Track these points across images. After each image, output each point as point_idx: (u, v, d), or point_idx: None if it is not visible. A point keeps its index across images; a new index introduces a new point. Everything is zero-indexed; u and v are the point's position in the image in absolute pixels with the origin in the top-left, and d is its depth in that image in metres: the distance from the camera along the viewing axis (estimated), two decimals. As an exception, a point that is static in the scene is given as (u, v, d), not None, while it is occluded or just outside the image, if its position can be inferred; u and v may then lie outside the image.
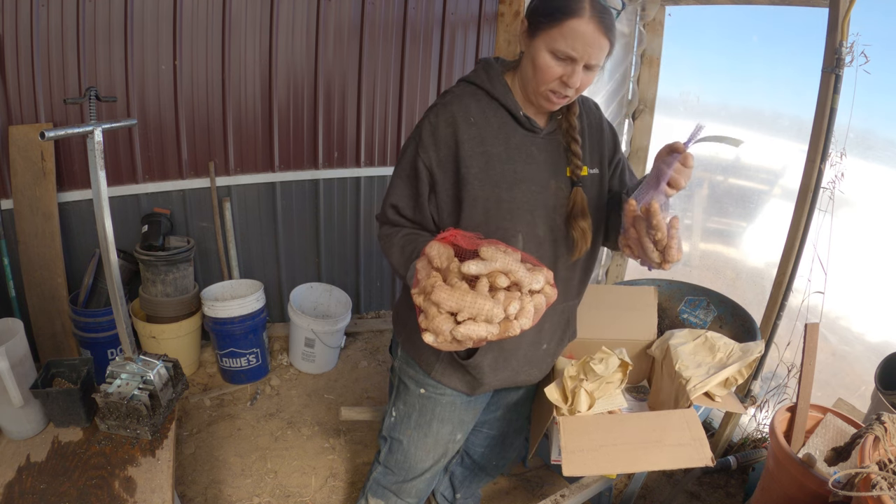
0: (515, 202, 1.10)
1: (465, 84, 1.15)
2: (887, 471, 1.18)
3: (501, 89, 1.11)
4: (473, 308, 0.83)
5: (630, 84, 2.75)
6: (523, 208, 1.11)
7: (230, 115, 2.57)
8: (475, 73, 1.15)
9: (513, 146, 1.11)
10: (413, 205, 1.15)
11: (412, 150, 1.12)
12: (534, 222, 1.12)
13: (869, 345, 1.99)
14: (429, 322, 0.85)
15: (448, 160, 1.09)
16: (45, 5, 2.05)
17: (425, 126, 1.10)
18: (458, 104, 1.10)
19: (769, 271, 2.07)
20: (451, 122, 1.08)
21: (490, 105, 1.11)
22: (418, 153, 1.10)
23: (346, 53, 2.74)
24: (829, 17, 1.67)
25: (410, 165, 1.12)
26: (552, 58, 1.00)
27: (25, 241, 2.22)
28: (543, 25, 0.98)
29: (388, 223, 1.18)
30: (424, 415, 1.31)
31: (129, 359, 1.54)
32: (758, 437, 2.16)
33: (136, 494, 1.28)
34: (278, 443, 2.26)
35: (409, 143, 1.14)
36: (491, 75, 1.13)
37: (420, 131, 1.11)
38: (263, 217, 2.84)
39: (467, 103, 1.10)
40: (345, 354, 2.96)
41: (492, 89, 1.11)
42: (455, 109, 1.09)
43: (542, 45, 1.00)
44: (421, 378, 1.28)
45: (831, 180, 1.80)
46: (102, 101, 1.52)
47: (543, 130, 1.14)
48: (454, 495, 1.81)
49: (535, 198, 1.12)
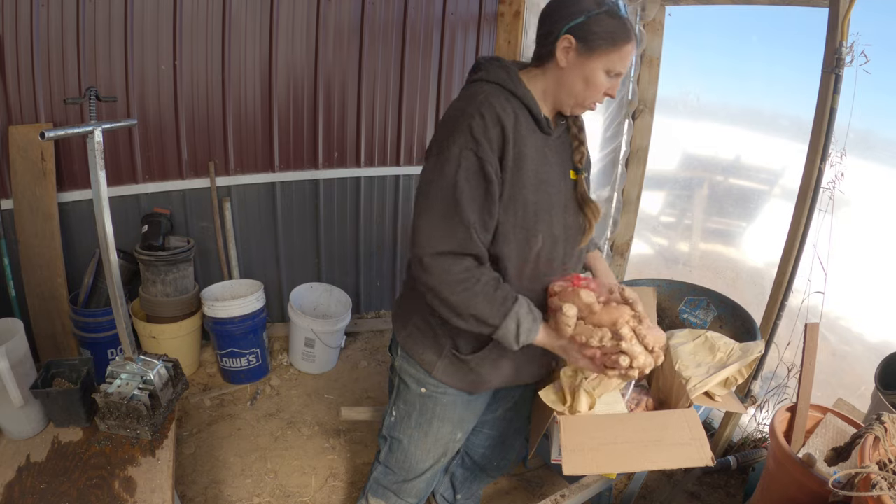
0: (539, 204, 1.12)
1: (487, 84, 1.12)
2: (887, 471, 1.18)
3: (525, 91, 1.12)
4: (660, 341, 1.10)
5: (630, 84, 2.75)
6: (544, 209, 1.13)
7: (230, 115, 2.57)
8: (494, 73, 1.13)
9: (536, 147, 1.12)
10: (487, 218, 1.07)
11: (473, 160, 1.04)
12: (552, 222, 1.15)
13: (869, 345, 1.99)
14: (636, 360, 1.05)
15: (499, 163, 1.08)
16: (45, 5, 2.05)
17: (476, 129, 1.04)
18: (497, 103, 1.07)
19: (769, 271, 2.07)
20: (497, 122, 1.05)
21: (518, 107, 1.11)
22: (482, 158, 1.04)
23: (346, 54, 2.74)
24: (829, 17, 1.67)
25: (477, 174, 1.04)
26: (605, 76, 1.09)
27: (25, 241, 2.22)
28: (602, 48, 1.06)
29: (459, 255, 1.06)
30: (425, 414, 1.31)
31: (129, 359, 1.54)
32: (758, 437, 2.16)
33: (136, 494, 1.28)
34: (278, 443, 2.26)
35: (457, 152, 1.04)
36: (512, 77, 1.12)
37: (473, 136, 1.03)
38: (263, 217, 2.84)
39: (503, 104, 1.08)
40: (345, 354, 2.96)
41: (516, 90, 1.11)
42: (498, 109, 1.06)
43: (600, 66, 1.07)
44: (422, 377, 1.28)
45: (831, 180, 1.80)
46: (102, 101, 1.52)
47: (554, 134, 1.17)
48: (454, 496, 1.81)
49: (552, 199, 1.15)
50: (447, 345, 1.22)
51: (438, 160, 1.06)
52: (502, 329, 1.08)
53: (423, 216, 1.07)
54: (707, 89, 2.51)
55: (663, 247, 2.88)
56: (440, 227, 1.05)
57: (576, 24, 1.05)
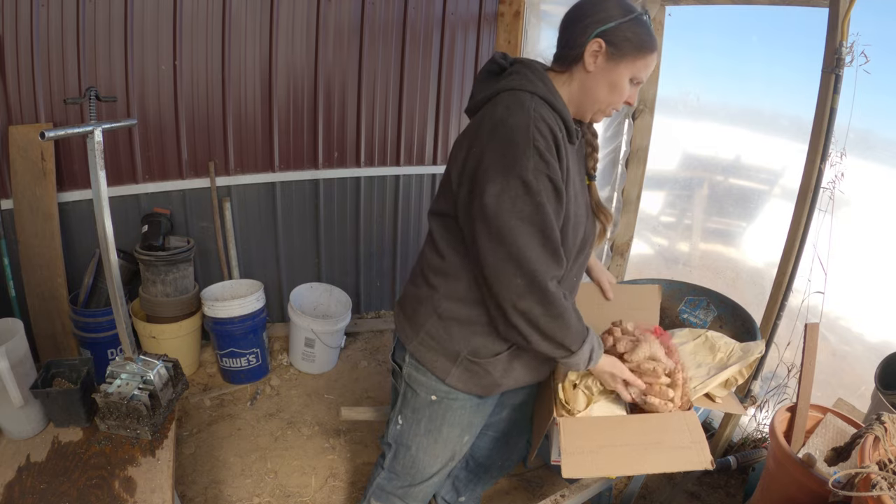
0: (576, 215, 1.14)
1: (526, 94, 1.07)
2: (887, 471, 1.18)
3: (562, 104, 1.10)
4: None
5: (630, 84, 2.74)
6: (575, 222, 1.14)
7: (230, 115, 2.57)
8: (529, 81, 1.08)
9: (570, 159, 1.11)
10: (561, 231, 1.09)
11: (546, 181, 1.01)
12: (577, 233, 1.17)
13: (869, 345, 1.99)
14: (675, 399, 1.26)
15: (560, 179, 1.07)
16: (45, 5, 2.05)
17: (542, 148, 1.00)
18: (548, 118, 1.04)
19: (769, 271, 2.07)
20: (549, 135, 1.02)
21: (557, 118, 1.08)
22: (554, 179, 1.02)
23: (346, 54, 2.74)
24: (829, 17, 1.67)
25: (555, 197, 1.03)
26: (630, 83, 1.10)
27: (25, 241, 2.22)
28: (631, 54, 1.06)
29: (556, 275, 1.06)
30: (434, 420, 1.29)
31: (129, 359, 1.54)
32: (758, 437, 2.16)
33: (136, 494, 1.28)
34: (278, 443, 2.26)
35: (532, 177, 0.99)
36: (550, 88, 1.10)
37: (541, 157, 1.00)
38: (263, 217, 2.84)
39: (550, 118, 1.05)
40: (345, 354, 2.95)
41: (556, 104, 1.09)
42: (551, 125, 1.03)
43: (626, 72, 1.08)
44: (433, 384, 1.24)
45: (831, 180, 1.80)
46: (102, 101, 1.52)
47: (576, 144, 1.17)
48: (457, 498, 1.81)
49: (580, 210, 1.16)
50: (463, 351, 1.19)
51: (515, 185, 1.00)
52: (578, 355, 1.12)
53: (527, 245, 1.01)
54: (707, 89, 2.51)
55: (663, 247, 2.88)
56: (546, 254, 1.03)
57: (607, 29, 1.06)
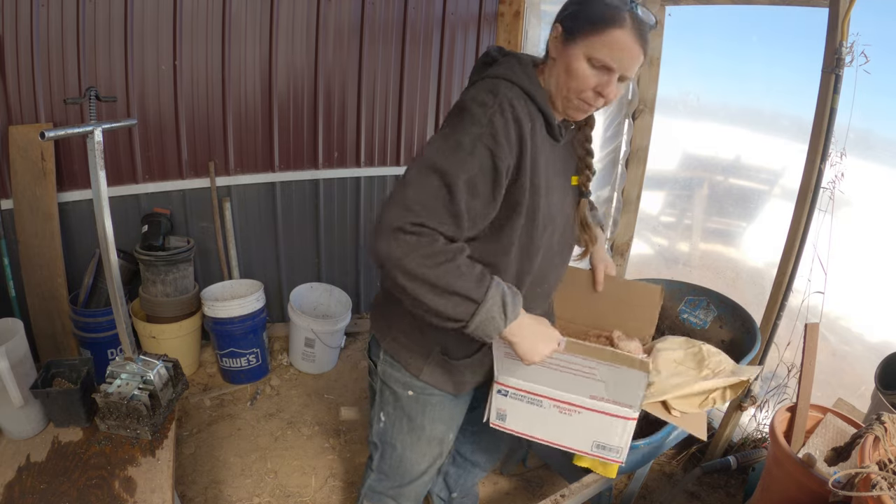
0: (549, 210, 1.10)
1: (507, 83, 1.03)
2: (887, 471, 1.18)
3: (543, 96, 1.06)
4: None
5: (630, 84, 2.75)
6: (549, 217, 1.11)
7: (230, 115, 2.57)
8: (515, 73, 1.04)
9: (546, 153, 1.08)
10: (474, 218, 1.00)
11: (486, 155, 0.96)
12: (554, 232, 1.14)
13: (869, 345, 1.99)
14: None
15: (514, 164, 1.01)
16: (45, 5, 2.05)
17: (497, 124, 0.96)
18: (516, 104, 1.00)
19: (769, 271, 2.07)
20: (517, 123, 0.99)
21: (534, 110, 1.05)
22: (496, 154, 0.96)
23: (346, 53, 2.74)
24: (829, 17, 1.67)
25: (486, 168, 0.97)
26: (589, 66, 0.98)
27: (25, 241, 2.22)
28: (584, 32, 0.97)
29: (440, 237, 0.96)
30: (415, 418, 1.29)
31: (129, 359, 1.54)
32: (758, 437, 2.16)
33: (136, 494, 1.28)
34: (278, 443, 2.26)
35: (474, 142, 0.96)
36: (531, 77, 1.05)
37: (492, 132, 0.96)
38: (263, 217, 2.84)
39: (522, 107, 1.01)
40: (345, 354, 2.95)
41: (535, 95, 1.04)
42: (517, 109, 1.00)
43: (580, 51, 0.98)
44: (408, 381, 1.24)
45: (831, 180, 1.80)
46: (102, 101, 1.52)
47: (563, 140, 1.13)
48: (450, 495, 1.81)
49: (556, 208, 1.13)
50: (436, 349, 1.19)
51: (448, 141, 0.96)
52: (487, 303, 0.95)
53: (412, 187, 0.95)
54: (707, 89, 2.51)
55: (663, 247, 2.88)
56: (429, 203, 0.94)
57: (567, 13, 1.01)
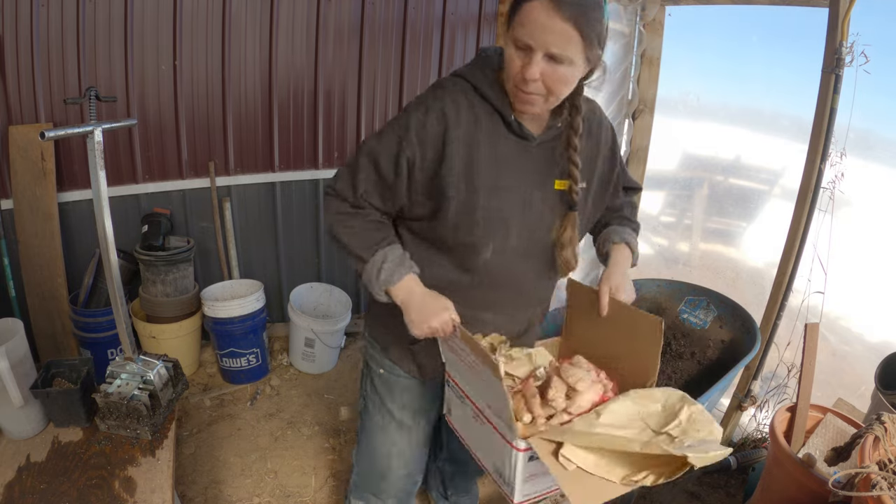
0: (491, 211, 1.06)
1: (458, 79, 1.07)
2: (887, 471, 1.18)
3: (495, 91, 1.04)
4: None
5: (630, 84, 2.74)
6: (497, 218, 1.07)
7: (230, 115, 2.57)
8: (470, 70, 1.07)
9: (500, 152, 1.06)
10: (381, 194, 1.10)
11: (394, 142, 1.05)
12: (508, 234, 1.08)
13: (869, 345, 1.99)
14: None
15: (432, 160, 1.04)
16: (45, 5, 2.05)
17: (413, 120, 1.04)
18: (449, 101, 1.04)
19: (769, 271, 2.07)
20: (441, 120, 1.03)
21: (482, 106, 1.05)
22: (403, 147, 1.04)
23: (346, 53, 2.74)
24: (829, 18, 1.67)
25: (390, 157, 1.06)
26: (515, 49, 0.94)
27: (25, 241, 2.22)
28: (511, 17, 0.94)
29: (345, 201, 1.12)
30: (385, 400, 1.33)
31: (129, 359, 1.54)
32: (758, 437, 2.16)
33: (136, 494, 1.28)
34: (278, 443, 2.26)
35: (390, 130, 1.06)
36: (486, 73, 1.05)
37: (407, 124, 1.04)
38: (263, 217, 2.84)
39: (459, 101, 1.04)
40: (345, 354, 2.95)
41: (484, 90, 1.04)
42: (447, 106, 1.03)
43: (510, 38, 0.95)
44: (379, 358, 1.31)
45: (831, 180, 1.80)
46: (102, 101, 1.52)
47: (537, 139, 1.07)
48: (446, 493, 1.82)
49: (513, 208, 1.07)
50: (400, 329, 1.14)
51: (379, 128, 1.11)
52: (369, 264, 1.07)
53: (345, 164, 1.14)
54: (707, 89, 2.51)
55: (663, 247, 2.88)
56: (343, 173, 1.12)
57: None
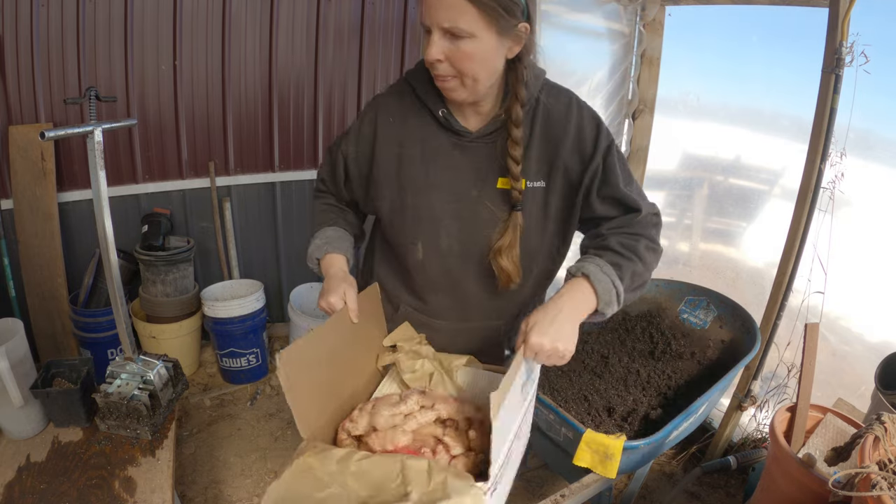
0: (420, 209, 1.05)
1: (401, 82, 1.11)
2: (887, 471, 1.18)
3: (426, 87, 1.02)
4: None
5: (630, 84, 2.74)
6: (427, 216, 1.05)
7: (230, 115, 2.57)
8: (413, 70, 1.08)
9: (430, 149, 1.03)
10: (333, 182, 1.20)
11: (344, 137, 1.15)
12: (437, 233, 1.06)
13: (869, 345, 1.99)
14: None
15: (364, 159, 1.11)
16: (45, 5, 2.05)
17: (356, 121, 1.13)
18: (383, 102, 1.09)
19: (769, 271, 2.07)
20: (372, 121, 1.08)
21: (413, 104, 1.05)
22: (341, 144, 1.14)
23: (346, 53, 2.74)
24: (829, 18, 1.67)
25: (338, 157, 1.15)
26: (424, 35, 0.91)
27: (25, 241, 2.22)
28: None
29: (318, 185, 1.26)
30: None
31: (129, 359, 1.54)
32: (758, 437, 2.16)
33: (136, 494, 1.28)
34: (278, 443, 2.26)
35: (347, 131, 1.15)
36: (425, 71, 1.00)
37: (353, 124, 1.13)
38: (263, 217, 2.84)
39: (390, 101, 1.08)
40: (345, 354, 2.95)
41: (418, 87, 1.04)
42: (379, 107, 1.09)
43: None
44: None
45: (831, 180, 1.80)
46: (102, 101, 1.52)
47: (473, 133, 1.02)
48: None
49: (445, 206, 1.04)
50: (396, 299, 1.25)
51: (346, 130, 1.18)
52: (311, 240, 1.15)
53: None
54: (707, 89, 2.51)
55: (663, 247, 2.88)
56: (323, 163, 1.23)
57: None
